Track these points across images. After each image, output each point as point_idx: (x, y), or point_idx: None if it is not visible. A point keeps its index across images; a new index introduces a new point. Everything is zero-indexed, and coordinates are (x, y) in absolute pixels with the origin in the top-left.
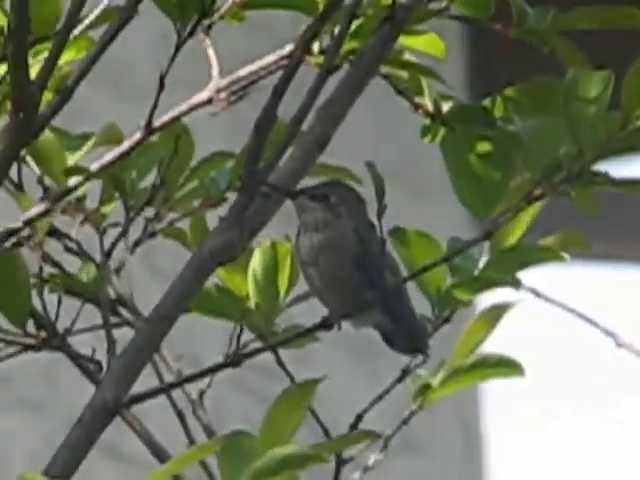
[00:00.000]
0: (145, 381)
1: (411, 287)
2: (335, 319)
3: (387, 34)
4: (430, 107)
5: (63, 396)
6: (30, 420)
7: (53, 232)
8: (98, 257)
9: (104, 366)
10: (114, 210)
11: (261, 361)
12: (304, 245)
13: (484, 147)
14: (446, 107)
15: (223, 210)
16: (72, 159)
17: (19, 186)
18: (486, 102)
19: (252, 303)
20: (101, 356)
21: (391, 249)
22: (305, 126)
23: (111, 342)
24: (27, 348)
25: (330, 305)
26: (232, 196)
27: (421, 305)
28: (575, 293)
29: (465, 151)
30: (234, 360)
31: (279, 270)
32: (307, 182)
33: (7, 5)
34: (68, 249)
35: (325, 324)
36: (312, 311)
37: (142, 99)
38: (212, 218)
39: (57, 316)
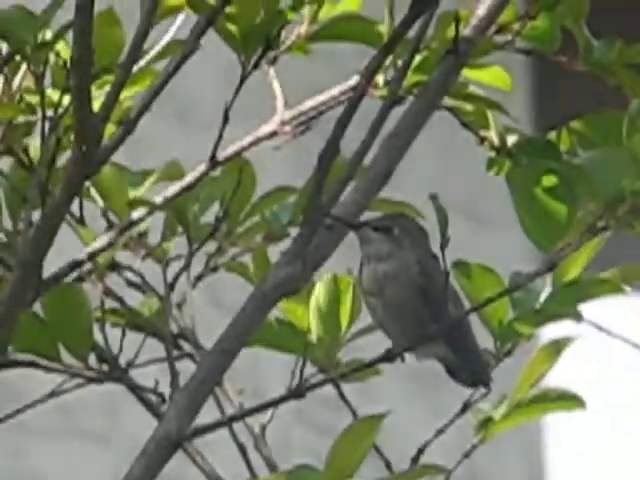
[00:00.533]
0: (207, 415)
1: (473, 320)
2: (398, 351)
3: (450, 66)
4: (496, 140)
5: (126, 428)
6: (93, 452)
7: (115, 266)
8: (159, 291)
9: (167, 398)
10: (175, 245)
11: (325, 394)
12: (368, 276)
13: (550, 180)
14: (511, 140)
15: (285, 245)
16: (134, 194)
17: (81, 220)
18: (551, 135)
19: (314, 336)
20: (163, 389)
21: (453, 282)
22: (368, 159)
23: (174, 375)
24: (90, 381)
25: (393, 337)
26: (294, 231)
27: (483, 338)
28: (635, 327)
29: (531, 184)
30: (297, 392)
31: (341, 303)
32: (369, 216)
33: (70, 36)
34: (130, 283)
35: (388, 356)
36: (374, 345)
37: (208, 131)
38: (274, 253)
39: (120, 349)
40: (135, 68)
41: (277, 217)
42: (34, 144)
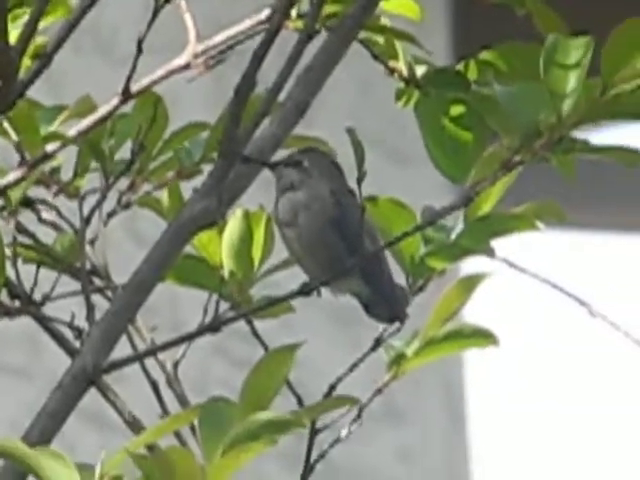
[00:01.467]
0: (123, 350)
1: (387, 256)
2: (314, 285)
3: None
4: (405, 71)
5: (45, 362)
6: (12, 386)
7: (28, 202)
8: (70, 226)
9: (83, 332)
10: (89, 180)
11: (243, 329)
12: (282, 206)
13: (458, 110)
14: (420, 71)
15: (197, 181)
16: (46, 131)
17: None
18: (460, 66)
19: (226, 272)
20: (80, 323)
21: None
22: (285, 92)
23: (90, 308)
24: (4, 314)
25: (309, 271)
26: (207, 168)
27: (397, 274)
28: (549, 261)
29: (438, 115)
30: (212, 326)
31: (253, 239)
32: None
33: None
34: (42, 220)
35: (304, 290)
36: (291, 282)
37: (126, 65)
38: (187, 189)
39: (35, 284)
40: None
41: (189, 153)
42: None
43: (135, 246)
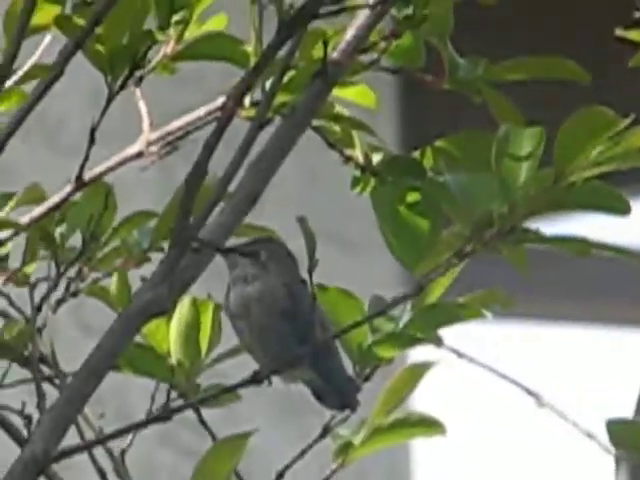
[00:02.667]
0: (72, 438)
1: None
2: (265, 374)
3: (319, 89)
4: (361, 159)
5: None
6: None
7: None
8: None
9: (33, 420)
10: (36, 268)
11: (190, 417)
12: (234, 299)
13: (414, 198)
14: (376, 159)
15: (145, 270)
16: None
17: None
18: (416, 154)
19: (174, 360)
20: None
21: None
22: (236, 182)
23: (41, 396)
24: None
25: (260, 360)
26: (155, 256)
27: (346, 362)
28: (498, 352)
29: (394, 202)
30: (162, 416)
31: (201, 327)
32: (235, 241)
33: None
34: None
35: (255, 379)
36: (240, 370)
37: (74, 156)
38: (135, 278)
39: None
40: (2, 89)
41: (137, 242)
42: None
43: (81, 334)
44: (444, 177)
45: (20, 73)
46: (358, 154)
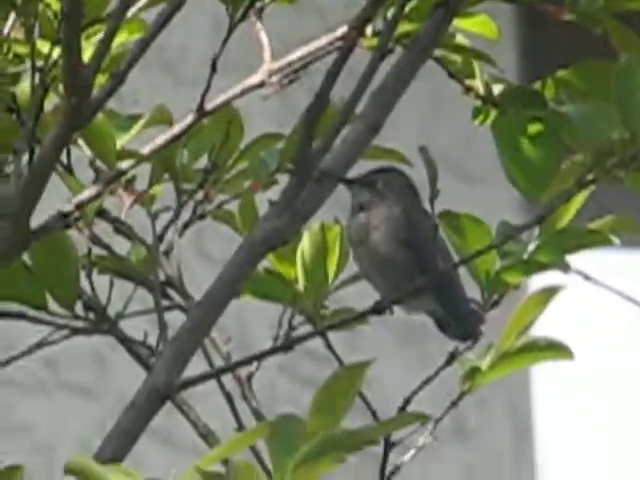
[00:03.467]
0: (195, 365)
1: (461, 271)
2: (387, 303)
3: (441, 18)
4: (481, 90)
5: (113, 381)
6: (79, 405)
7: (102, 214)
8: (148, 239)
9: (155, 351)
10: (164, 193)
11: (309, 344)
12: (354, 225)
13: (535, 129)
14: (497, 90)
15: (273, 193)
16: (122, 140)
17: (69, 169)
18: (537, 84)
19: (301, 286)
20: (152, 340)
21: (442, 234)
22: (358, 110)
23: (163, 326)
24: (77, 332)
25: (381, 289)
26: (282, 178)
27: (471, 288)
28: (631, 279)
29: (516, 133)
30: (285, 345)
31: (328, 253)
32: (360, 165)
33: None
34: (118, 231)
35: (377, 308)
36: (362, 294)
37: (195, 84)
38: (262, 201)
39: (109, 299)
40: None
41: (264, 164)
42: (22, 89)
43: (202, 264)
44: (565, 107)
45: (142, 0)
46: (479, 84)
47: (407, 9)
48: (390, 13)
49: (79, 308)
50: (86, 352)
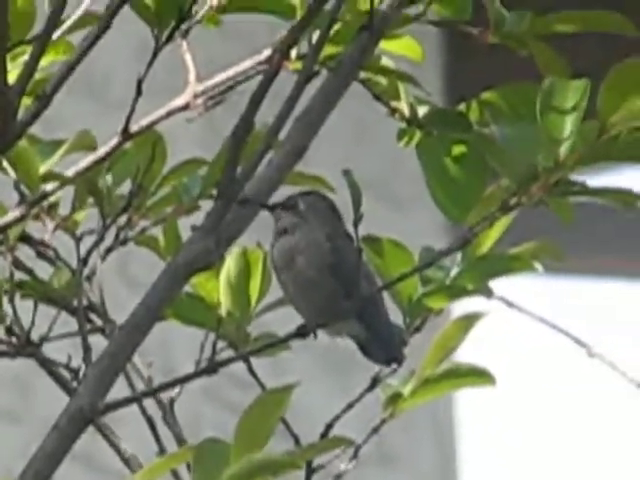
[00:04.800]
0: (117, 389)
1: (384, 295)
2: (311, 327)
3: (365, 42)
4: (406, 111)
5: (35, 405)
6: (3, 429)
7: (26, 238)
8: (70, 264)
9: (79, 373)
10: (87, 217)
11: (234, 370)
12: (278, 249)
13: (460, 150)
14: (422, 112)
15: (195, 218)
16: (45, 165)
17: None
18: (462, 106)
19: (224, 310)
20: (75, 364)
21: (365, 258)
22: (283, 134)
23: (87, 349)
24: (1, 355)
25: (305, 313)
26: (205, 204)
27: (393, 313)
28: (553, 306)
29: (441, 154)
30: (209, 368)
31: (251, 277)
32: (283, 190)
33: None
34: (40, 255)
35: (301, 332)
36: (285, 319)
37: (120, 107)
38: (185, 226)
39: (32, 323)
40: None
41: (188, 189)
42: None
43: (125, 288)
44: (490, 129)
45: (69, 22)
46: (404, 106)
47: (332, 32)
48: (315, 36)
49: (1, 332)
50: (9, 376)
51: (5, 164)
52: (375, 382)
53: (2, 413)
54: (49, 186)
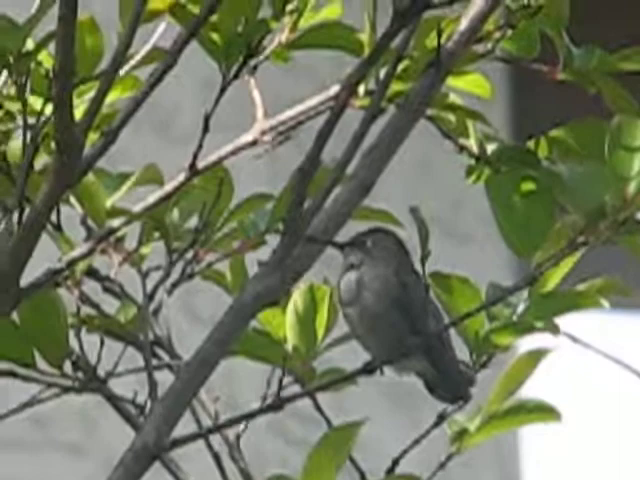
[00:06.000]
0: (182, 423)
1: (451, 332)
2: (378, 364)
3: (433, 78)
4: (475, 148)
5: (100, 440)
6: (67, 464)
7: (91, 273)
8: (135, 299)
9: (145, 409)
10: (153, 251)
11: (297, 404)
12: (344, 284)
13: (528, 187)
14: (490, 148)
15: (262, 253)
16: (111, 199)
17: (59, 227)
18: (530, 143)
19: (290, 346)
20: (141, 400)
21: (432, 294)
22: (349, 170)
23: (153, 385)
24: (67, 390)
25: (372, 349)
26: (271, 239)
27: (459, 349)
28: (617, 343)
29: (510, 191)
30: (275, 404)
31: (317, 313)
32: (350, 225)
33: (52, 47)
34: (107, 289)
35: (367, 369)
36: (345, 354)
37: (185, 143)
38: (251, 261)
39: (99, 359)
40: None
41: (254, 224)
42: (12, 148)
43: (188, 323)
44: (558, 167)
45: (137, 57)
46: (472, 143)
47: (399, 69)
48: (382, 72)
49: (68, 367)
50: (73, 410)
51: (72, 199)
52: (442, 418)
53: (67, 447)
54: (116, 221)
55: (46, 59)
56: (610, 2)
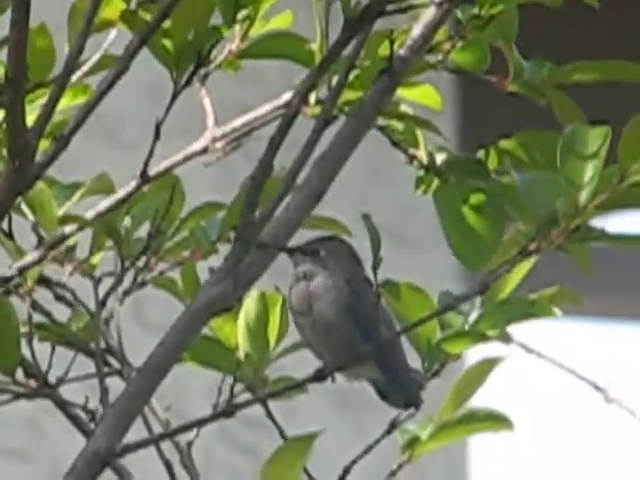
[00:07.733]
0: (134, 431)
1: (402, 340)
2: (329, 371)
3: (385, 86)
4: (425, 158)
5: (47, 446)
6: (13, 470)
7: (44, 281)
8: (89, 305)
9: (96, 415)
10: (104, 260)
11: (246, 411)
12: (296, 293)
13: (478, 199)
14: (440, 159)
15: (213, 261)
16: (63, 207)
17: (9, 234)
18: (480, 154)
19: (242, 353)
20: (92, 406)
21: (384, 302)
22: (300, 178)
23: (104, 391)
24: (19, 396)
25: (324, 357)
26: (223, 247)
27: (412, 358)
28: (568, 350)
29: (458, 202)
30: (227, 411)
31: (269, 320)
32: (301, 233)
33: (3, 53)
34: (59, 298)
35: (319, 376)
36: (297, 362)
37: (136, 150)
38: (203, 269)
39: (50, 365)
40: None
41: (205, 232)
42: None
43: (140, 330)
44: (509, 177)
45: (89, 64)
46: (422, 154)
47: (351, 77)
48: (333, 81)
49: (19, 374)
50: (20, 417)
51: (23, 206)
52: (393, 426)
53: (14, 453)
54: (67, 228)
55: None
56: (556, 21)
